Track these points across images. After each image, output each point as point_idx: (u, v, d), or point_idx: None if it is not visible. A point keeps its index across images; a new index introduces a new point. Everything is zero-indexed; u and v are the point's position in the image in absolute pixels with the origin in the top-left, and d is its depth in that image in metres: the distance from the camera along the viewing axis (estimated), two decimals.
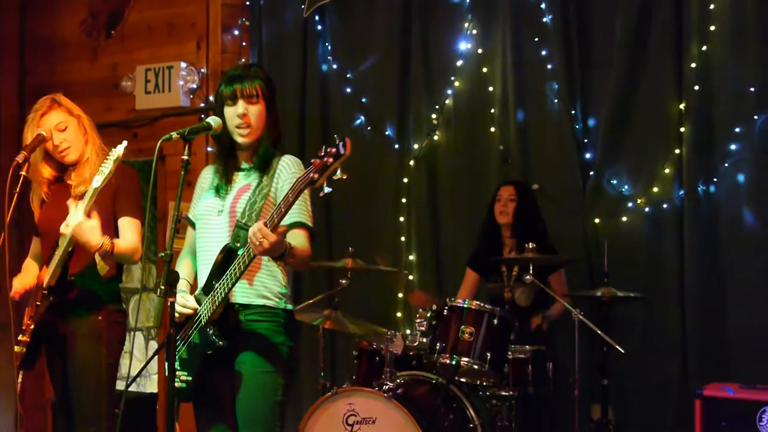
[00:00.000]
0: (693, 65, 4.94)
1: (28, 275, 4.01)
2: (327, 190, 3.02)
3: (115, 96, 6.42)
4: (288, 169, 3.43)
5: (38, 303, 3.86)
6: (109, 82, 6.47)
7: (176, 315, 3.26)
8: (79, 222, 3.64)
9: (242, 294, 3.37)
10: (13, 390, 6.06)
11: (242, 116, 3.40)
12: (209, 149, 5.98)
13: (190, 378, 3.36)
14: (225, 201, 3.44)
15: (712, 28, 4.92)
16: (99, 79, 6.48)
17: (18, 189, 3.72)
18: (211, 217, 3.46)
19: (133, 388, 4.52)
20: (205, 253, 3.45)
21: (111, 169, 3.58)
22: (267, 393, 3.37)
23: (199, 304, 3.36)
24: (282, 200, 3.08)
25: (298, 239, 3.34)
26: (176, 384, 3.37)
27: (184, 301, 3.36)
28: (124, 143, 3.61)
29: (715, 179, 4.92)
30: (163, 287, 3.06)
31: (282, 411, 3.42)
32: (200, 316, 3.34)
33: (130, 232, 3.90)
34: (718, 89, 4.93)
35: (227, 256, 3.29)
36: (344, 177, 3.03)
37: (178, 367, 3.39)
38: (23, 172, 3.76)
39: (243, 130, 3.42)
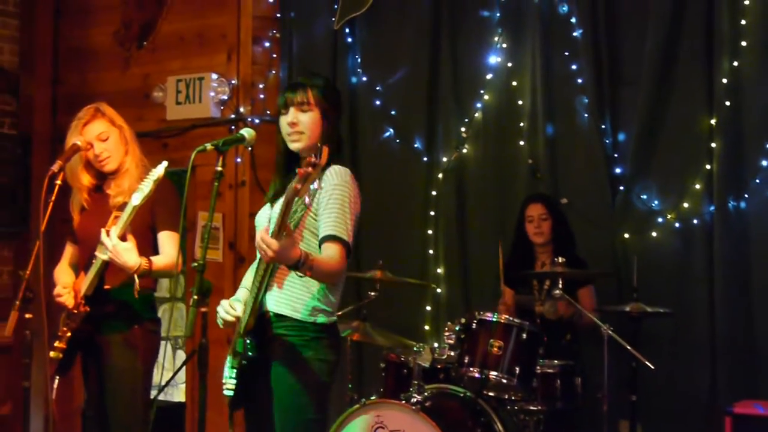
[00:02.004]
0: (724, 80, 4.91)
1: (67, 279, 4.05)
2: (307, 201, 3.03)
3: (146, 106, 6.47)
4: (330, 179, 3.35)
5: (75, 311, 3.90)
6: (140, 92, 6.53)
7: (221, 321, 3.30)
8: (114, 245, 3.68)
9: (276, 304, 3.35)
10: (41, 396, 6.19)
11: (291, 125, 3.39)
12: (238, 160, 6.02)
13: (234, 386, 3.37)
14: (274, 210, 3.44)
15: (744, 43, 4.89)
16: (130, 89, 6.54)
17: (53, 198, 3.76)
18: (262, 225, 3.47)
19: (160, 397, 4.56)
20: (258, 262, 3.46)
21: (151, 188, 3.63)
22: (296, 412, 3.33)
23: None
24: (279, 210, 3.06)
25: (328, 251, 3.28)
26: (224, 392, 3.37)
27: (228, 308, 3.37)
28: (165, 163, 3.66)
29: (745, 195, 4.88)
30: (195, 297, 3.09)
31: (315, 428, 3.38)
32: (241, 324, 3.36)
33: (169, 246, 3.95)
34: (749, 104, 4.89)
35: (266, 265, 3.29)
36: (320, 188, 3.10)
37: (229, 375, 3.39)
38: (58, 182, 3.80)
39: (294, 136, 3.40)
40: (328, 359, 3.38)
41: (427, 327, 5.66)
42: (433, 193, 5.74)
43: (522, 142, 5.49)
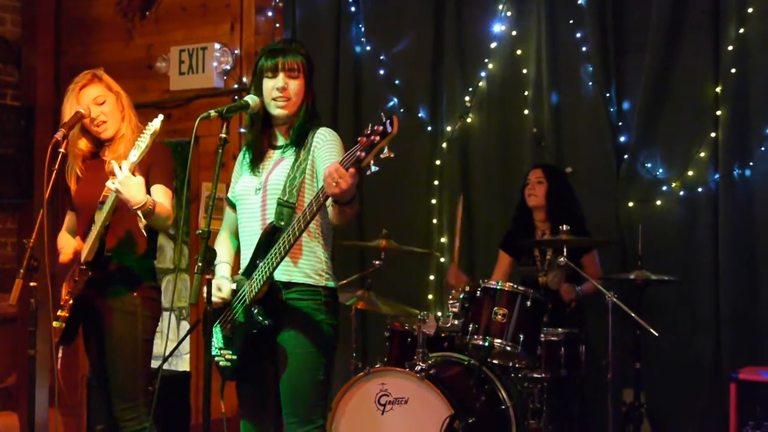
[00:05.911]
0: (730, 48, 4.88)
1: (71, 242, 4.05)
2: (374, 169, 2.97)
3: (149, 77, 6.45)
4: (324, 139, 3.41)
5: (76, 279, 3.89)
6: (143, 63, 6.51)
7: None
8: (126, 176, 3.63)
9: (284, 272, 3.36)
10: (47, 366, 6.20)
11: (281, 89, 3.39)
12: (242, 130, 6.00)
13: (235, 357, 3.38)
14: (260, 178, 3.45)
15: (750, 10, 4.86)
16: (133, 60, 6.52)
17: (57, 166, 3.75)
18: (249, 196, 3.47)
19: (165, 366, 4.56)
20: (246, 233, 3.47)
21: (148, 143, 3.59)
22: (309, 372, 3.38)
23: (239, 287, 3.37)
24: (346, 155, 3.00)
25: None
26: (221, 363, 3.40)
27: (215, 291, 3.34)
28: (161, 117, 3.61)
29: (750, 163, 4.88)
30: (200, 264, 3.08)
31: (324, 389, 3.43)
32: (244, 295, 3.36)
33: (163, 198, 3.90)
34: (755, 72, 4.88)
35: (271, 234, 3.30)
36: (391, 155, 2.95)
37: (222, 346, 3.41)
38: (62, 150, 3.78)
39: (280, 102, 3.41)
40: (335, 323, 3.46)
41: (431, 296, 5.66)
42: (438, 162, 5.73)
43: (527, 111, 5.47)
